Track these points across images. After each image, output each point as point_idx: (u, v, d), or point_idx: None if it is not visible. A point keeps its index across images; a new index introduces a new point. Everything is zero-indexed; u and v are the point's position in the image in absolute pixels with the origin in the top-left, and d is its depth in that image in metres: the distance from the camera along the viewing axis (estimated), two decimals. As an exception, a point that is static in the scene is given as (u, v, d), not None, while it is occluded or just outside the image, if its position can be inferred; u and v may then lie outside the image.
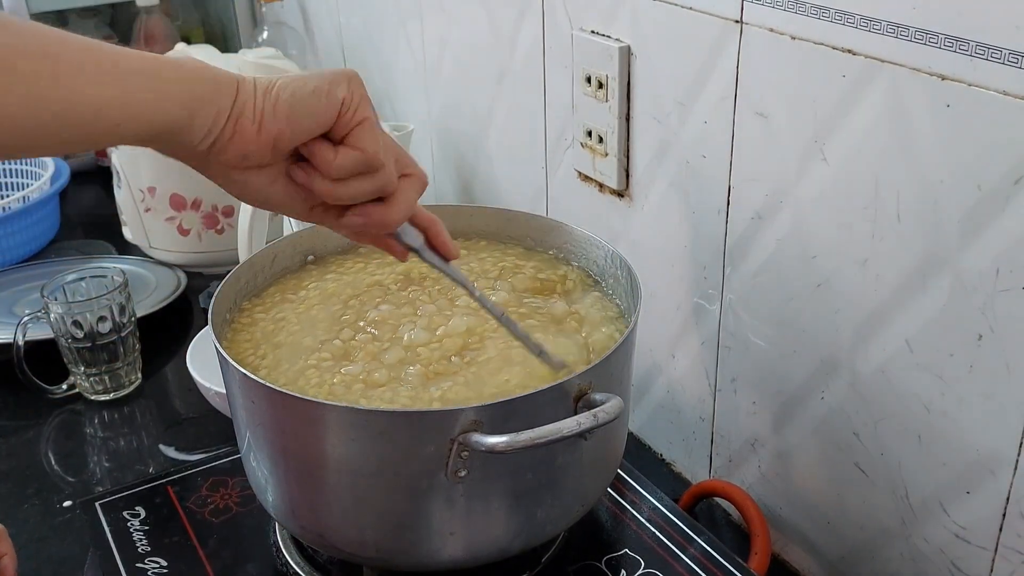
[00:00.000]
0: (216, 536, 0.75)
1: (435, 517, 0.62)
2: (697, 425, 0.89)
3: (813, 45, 0.66)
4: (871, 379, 0.69)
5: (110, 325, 0.99)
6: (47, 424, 1.01)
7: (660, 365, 0.92)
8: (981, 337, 0.61)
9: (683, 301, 0.86)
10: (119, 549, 0.74)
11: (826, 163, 0.68)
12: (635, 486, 0.79)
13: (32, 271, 1.24)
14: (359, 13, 1.41)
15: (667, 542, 0.73)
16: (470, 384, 0.65)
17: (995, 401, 0.61)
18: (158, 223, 1.22)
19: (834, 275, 0.70)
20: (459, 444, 0.58)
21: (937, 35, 0.58)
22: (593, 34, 0.88)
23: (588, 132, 0.91)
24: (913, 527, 0.69)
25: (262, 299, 0.77)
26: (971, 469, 0.64)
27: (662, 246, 0.87)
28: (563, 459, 0.64)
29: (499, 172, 1.14)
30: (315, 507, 0.65)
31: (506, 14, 1.02)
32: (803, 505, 0.80)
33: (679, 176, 0.83)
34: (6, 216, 1.26)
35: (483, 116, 1.13)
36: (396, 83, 1.35)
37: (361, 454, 0.60)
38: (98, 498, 0.79)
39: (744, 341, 0.80)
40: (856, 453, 0.72)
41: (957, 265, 0.61)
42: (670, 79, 0.80)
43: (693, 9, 0.76)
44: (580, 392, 0.61)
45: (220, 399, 0.91)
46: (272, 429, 0.63)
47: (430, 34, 1.21)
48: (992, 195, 0.57)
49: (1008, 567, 0.63)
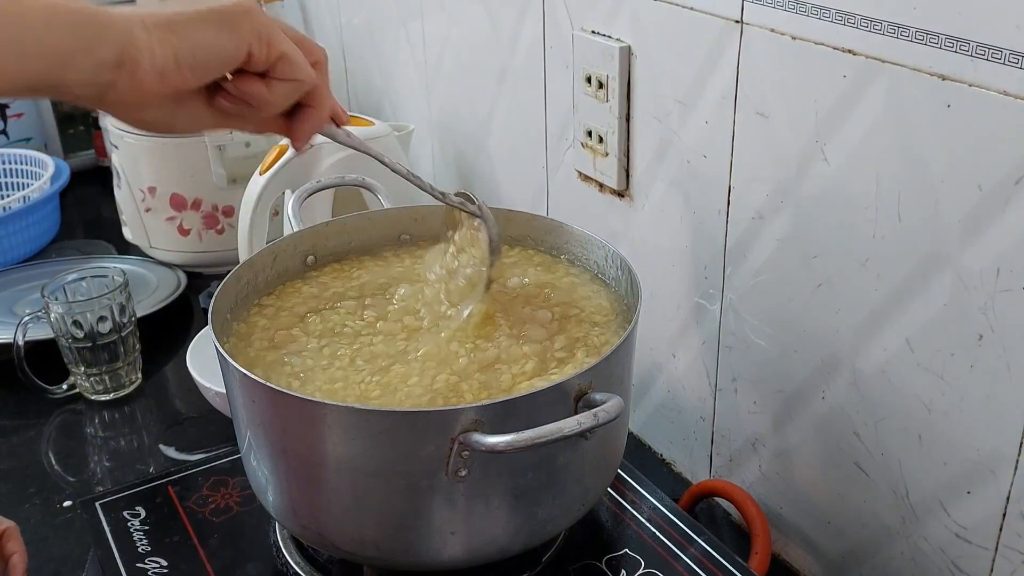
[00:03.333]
0: (216, 536, 0.75)
1: (435, 517, 0.62)
2: (697, 425, 0.89)
3: (813, 45, 0.66)
4: (872, 379, 0.69)
5: (110, 325, 0.99)
6: (47, 424, 1.01)
7: (660, 365, 0.92)
8: (982, 337, 0.61)
9: (683, 301, 0.86)
10: (119, 549, 0.73)
11: (827, 163, 0.68)
12: (635, 486, 0.79)
13: (32, 271, 1.24)
14: (359, 13, 1.41)
15: (667, 542, 0.73)
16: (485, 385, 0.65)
17: (995, 401, 0.61)
18: (158, 223, 1.22)
19: (835, 275, 0.70)
20: (459, 444, 0.58)
21: (937, 35, 0.58)
22: (594, 34, 0.88)
23: (588, 132, 0.91)
24: (913, 527, 0.69)
25: (261, 299, 0.77)
26: (971, 469, 0.64)
27: (662, 246, 0.87)
28: (563, 459, 0.64)
29: (499, 172, 1.14)
30: (315, 507, 0.65)
31: (507, 14, 1.02)
32: (803, 505, 0.80)
33: (679, 176, 0.83)
34: (6, 216, 1.26)
35: (483, 116, 1.13)
36: (396, 83, 1.35)
37: (361, 454, 0.60)
38: (98, 498, 0.79)
39: (745, 341, 0.80)
40: (857, 453, 0.72)
41: (958, 265, 0.61)
42: (670, 79, 0.80)
43: (693, 9, 0.76)
44: (580, 392, 0.61)
45: (220, 399, 0.91)
46: (272, 429, 0.63)
47: (431, 34, 1.21)
48: (993, 195, 0.58)
49: (1008, 567, 0.63)
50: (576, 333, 0.71)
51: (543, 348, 0.68)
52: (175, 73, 0.50)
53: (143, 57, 0.49)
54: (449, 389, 0.65)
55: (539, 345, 0.69)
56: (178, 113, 0.54)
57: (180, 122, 0.55)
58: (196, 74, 0.51)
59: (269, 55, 0.52)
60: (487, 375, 0.66)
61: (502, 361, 0.67)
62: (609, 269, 0.77)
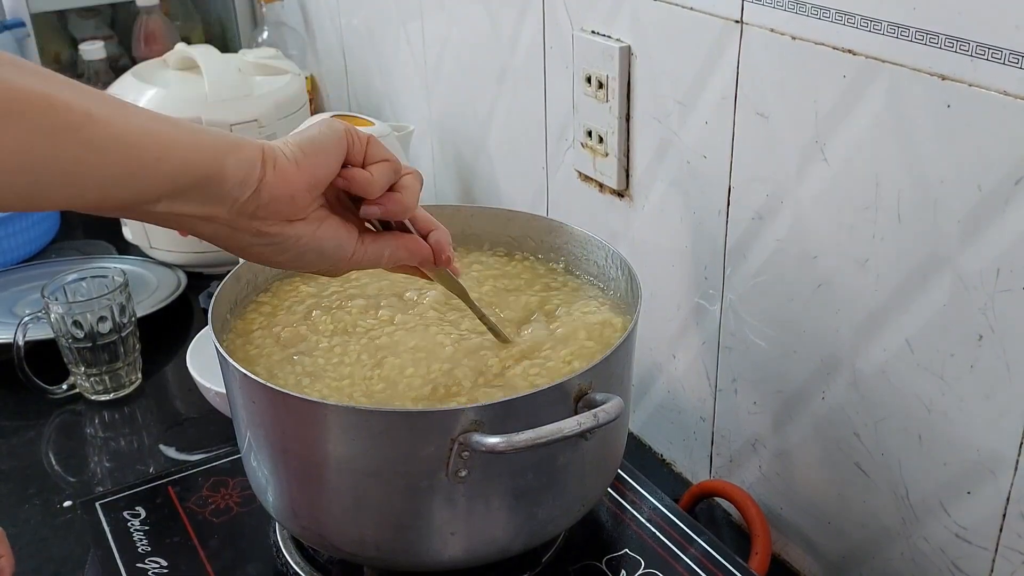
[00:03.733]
0: (217, 536, 0.75)
1: (436, 517, 0.62)
2: (697, 425, 0.89)
3: (813, 45, 0.66)
4: (872, 379, 0.69)
5: (110, 325, 0.99)
6: (47, 424, 1.01)
7: (660, 365, 0.92)
8: (981, 337, 0.61)
9: (683, 301, 0.86)
10: (119, 549, 0.74)
11: (827, 163, 0.68)
12: (635, 486, 0.79)
13: (32, 271, 1.24)
14: (359, 13, 1.41)
15: (667, 542, 0.73)
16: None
17: (995, 401, 0.61)
18: (158, 223, 1.22)
19: (834, 275, 0.70)
20: (459, 444, 0.58)
21: (937, 35, 0.58)
22: (594, 34, 0.88)
23: (588, 132, 0.91)
24: (913, 527, 0.69)
25: (261, 299, 0.77)
26: (971, 469, 0.64)
27: (662, 246, 0.87)
28: (563, 459, 0.64)
29: (499, 172, 1.14)
30: (315, 507, 0.65)
31: (507, 14, 1.02)
32: (803, 505, 0.80)
33: (679, 176, 0.83)
34: (6, 216, 1.26)
35: (483, 116, 1.13)
36: (396, 83, 1.35)
37: (361, 454, 0.60)
38: (98, 498, 0.79)
39: (745, 341, 0.80)
40: (857, 453, 0.72)
41: (958, 265, 0.61)
42: (670, 79, 0.80)
43: (693, 9, 0.76)
44: (580, 392, 0.61)
45: (220, 399, 0.91)
46: (272, 429, 0.63)
47: (430, 34, 1.21)
48: (992, 195, 0.58)
49: (1008, 567, 0.63)
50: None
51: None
52: (305, 160, 0.56)
53: (278, 152, 0.55)
54: (444, 375, 0.66)
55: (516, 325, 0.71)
56: (322, 227, 0.58)
57: (323, 235, 0.58)
58: (321, 163, 0.57)
59: (361, 140, 0.59)
60: (474, 360, 0.67)
61: (486, 348, 0.68)
62: (609, 269, 0.77)
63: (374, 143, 0.60)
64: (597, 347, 0.69)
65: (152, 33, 1.62)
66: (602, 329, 0.71)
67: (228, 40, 1.80)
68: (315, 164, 0.56)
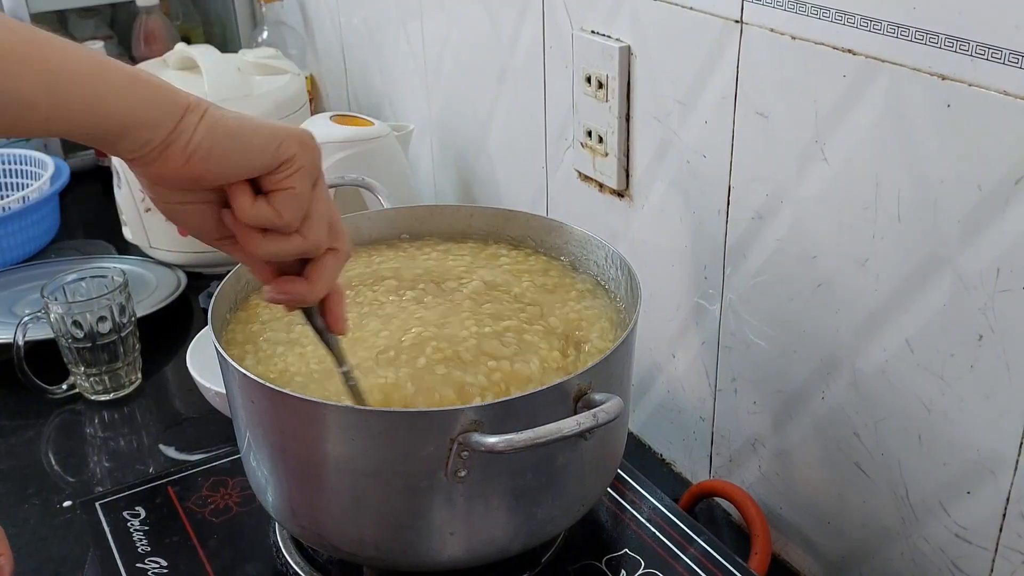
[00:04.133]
0: (216, 536, 0.75)
1: (435, 517, 0.62)
2: (697, 425, 0.89)
3: (813, 45, 0.66)
4: (871, 379, 0.69)
5: (110, 325, 0.99)
6: (47, 424, 1.01)
7: (660, 365, 0.92)
8: (981, 337, 0.61)
9: (683, 301, 0.86)
10: (119, 549, 0.74)
11: (826, 163, 0.68)
12: (635, 486, 0.79)
13: (32, 271, 1.24)
14: (359, 13, 1.41)
15: (667, 542, 0.73)
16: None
17: (995, 401, 0.61)
18: (158, 223, 1.22)
19: (834, 275, 0.70)
20: (459, 444, 0.58)
21: (937, 35, 0.58)
22: (593, 34, 0.88)
23: (588, 132, 0.91)
24: (913, 527, 0.69)
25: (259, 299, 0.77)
26: (971, 469, 0.64)
27: (662, 246, 0.87)
28: (563, 459, 0.64)
29: (499, 172, 1.14)
30: (315, 507, 0.65)
31: (506, 14, 1.02)
32: (803, 505, 0.80)
33: (679, 176, 0.83)
34: (6, 216, 1.26)
35: (483, 116, 1.13)
36: (396, 83, 1.35)
37: (361, 454, 0.60)
38: (98, 498, 0.79)
39: (744, 341, 0.80)
40: (856, 453, 0.72)
41: (957, 265, 0.61)
42: (670, 79, 0.80)
43: (693, 9, 0.76)
44: (580, 392, 0.61)
45: (220, 399, 0.91)
46: (272, 429, 0.63)
47: (430, 34, 1.21)
48: (992, 195, 0.57)
49: (1008, 567, 0.63)
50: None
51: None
52: (201, 161, 0.50)
53: (181, 139, 0.50)
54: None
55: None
56: (185, 205, 0.54)
57: (185, 219, 0.55)
58: (220, 170, 0.51)
59: (284, 181, 0.52)
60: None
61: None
62: (609, 269, 0.76)
63: (289, 196, 0.52)
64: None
65: (152, 33, 1.62)
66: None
67: (228, 40, 1.80)
68: (208, 171, 0.51)
